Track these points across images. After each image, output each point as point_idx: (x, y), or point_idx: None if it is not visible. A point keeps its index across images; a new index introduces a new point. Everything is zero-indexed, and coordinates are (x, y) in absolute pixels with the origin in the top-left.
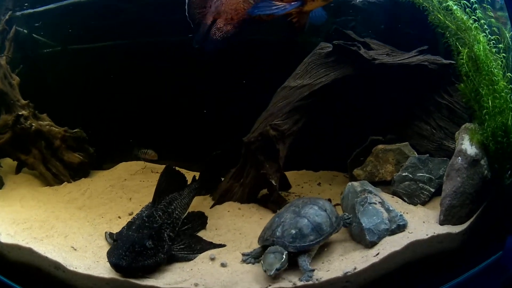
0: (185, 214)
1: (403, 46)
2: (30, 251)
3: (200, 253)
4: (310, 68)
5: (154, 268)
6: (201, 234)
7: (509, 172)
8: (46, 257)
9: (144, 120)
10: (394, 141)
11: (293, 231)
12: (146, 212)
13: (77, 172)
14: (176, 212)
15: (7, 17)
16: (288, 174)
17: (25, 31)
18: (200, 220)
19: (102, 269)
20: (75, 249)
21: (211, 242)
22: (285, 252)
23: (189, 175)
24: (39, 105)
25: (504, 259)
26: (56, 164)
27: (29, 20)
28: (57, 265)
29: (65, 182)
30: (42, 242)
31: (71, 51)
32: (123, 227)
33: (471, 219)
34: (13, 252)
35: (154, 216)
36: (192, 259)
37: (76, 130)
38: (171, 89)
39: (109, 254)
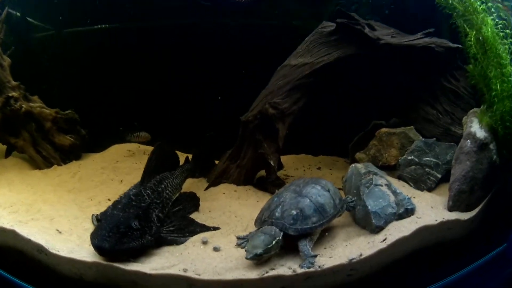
0: (177, 194)
1: (408, 29)
2: (13, 233)
3: (192, 236)
4: (312, 47)
5: (140, 251)
6: (193, 216)
7: None
8: (29, 239)
9: (139, 102)
10: (398, 125)
11: (294, 212)
12: (133, 190)
13: (68, 155)
14: (167, 191)
15: None
16: (287, 158)
17: (18, 14)
18: (193, 201)
19: (86, 252)
20: (60, 232)
21: (204, 225)
22: (278, 238)
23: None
24: (31, 86)
25: (509, 251)
26: (46, 147)
27: (22, 2)
28: (40, 248)
29: (55, 165)
30: (26, 225)
31: (65, 34)
32: (109, 207)
33: (480, 207)
34: None
35: (142, 194)
36: (183, 243)
37: (67, 111)
38: (165, 71)
39: (92, 236)
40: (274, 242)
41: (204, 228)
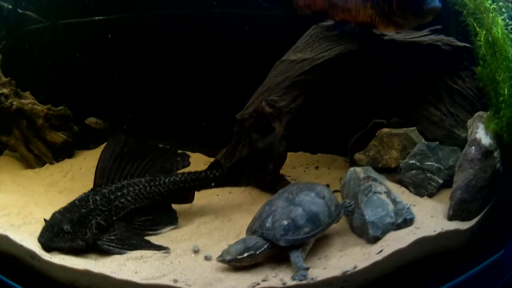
0: (145, 203)
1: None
2: (6, 239)
3: (131, 250)
4: (312, 42)
5: (71, 252)
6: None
7: None
8: (22, 245)
9: (135, 98)
10: (399, 125)
11: (285, 222)
12: (82, 194)
13: (61, 153)
14: (122, 200)
15: None
16: None
17: (9, 6)
18: (167, 213)
19: (77, 260)
20: None
21: (149, 241)
22: (252, 252)
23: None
24: (23, 81)
25: (506, 259)
26: (38, 144)
27: None
28: (33, 255)
29: (47, 164)
30: (19, 229)
31: (59, 26)
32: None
33: (480, 216)
34: None
35: (87, 200)
36: (120, 254)
37: (60, 107)
38: (163, 65)
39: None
40: (246, 254)
41: (148, 245)
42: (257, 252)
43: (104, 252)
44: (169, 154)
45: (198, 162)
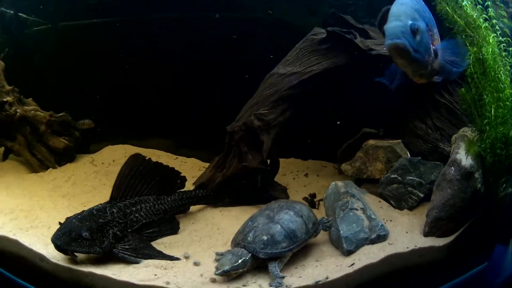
0: (155, 218)
1: None
2: (17, 243)
3: (145, 259)
4: (301, 55)
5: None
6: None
7: (504, 186)
8: (31, 249)
9: (136, 102)
10: (386, 136)
11: (265, 238)
12: (99, 206)
13: (62, 157)
14: (136, 215)
15: None
16: None
17: (11, 12)
18: (171, 225)
19: (82, 262)
20: None
21: (161, 252)
22: (244, 258)
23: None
24: (25, 87)
25: (490, 270)
26: (41, 149)
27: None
28: (42, 257)
29: (50, 168)
30: (27, 233)
31: (60, 29)
32: (75, 214)
33: (457, 233)
34: (1, 242)
35: (105, 211)
36: (136, 263)
37: (61, 114)
38: (162, 68)
39: (54, 233)
40: (240, 261)
41: (161, 255)
42: (247, 258)
43: (120, 260)
44: (174, 175)
45: (194, 168)
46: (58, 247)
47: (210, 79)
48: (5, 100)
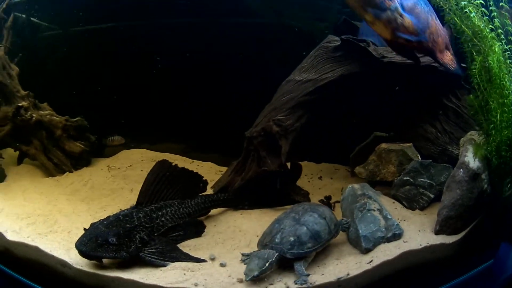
0: (180, 222)
1: None
2: (36, 249)
3: (172, 262)
4: (316, 62)
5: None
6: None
7: (508, 186)
8: (52, 255)
9: (151, 106)
10: (397, 139)
11: (292, 239)
12: (126, 211)
13: (79, 161)
14: (162, 219)
15: (4, 5)
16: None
17: (23, 15)
18: (196, 228)
19: (106, 267)
20: None
21: (188, 254)
22: (271, 260)
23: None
24: (40, 92)
25: (495, 267)
26: (57, 154)
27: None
28: (64, 263)
29: (67, 172)
30: (47, 238)
31: (72, 34)
32: (99, 220)
33: (466, 230)
34: (19, 249)
35: (132, 216)
36: (163, 266)
37: (77, 118)
38: (176, 73)
39: (78, 239)
40: (267, 264)
41: (188, 257)
42: (274, 259)
43: (146, 264)
44: (197, 180)
45: (210, 172)
46: (84, 253)
47: (223, 83)
48: (20, 105)
